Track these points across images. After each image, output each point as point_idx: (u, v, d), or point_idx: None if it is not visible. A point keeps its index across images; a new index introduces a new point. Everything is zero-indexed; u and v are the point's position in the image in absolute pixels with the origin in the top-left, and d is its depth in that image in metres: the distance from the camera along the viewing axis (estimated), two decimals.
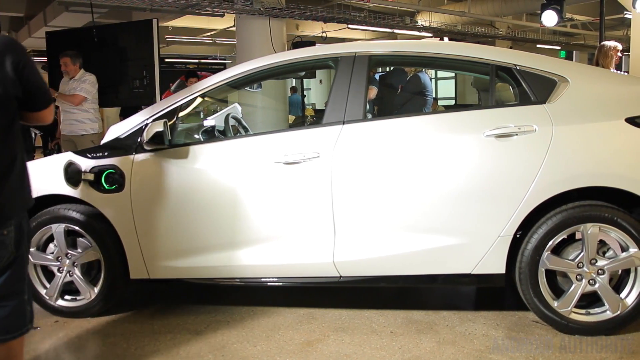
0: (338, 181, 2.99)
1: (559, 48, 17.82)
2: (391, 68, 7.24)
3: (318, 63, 3.67)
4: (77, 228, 3.26)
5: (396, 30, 13.74)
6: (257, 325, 3.23)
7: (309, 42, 10.41)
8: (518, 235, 2.94)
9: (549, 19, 8.79)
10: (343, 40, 14.20)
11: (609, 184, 2.83)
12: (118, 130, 3.33)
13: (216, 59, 19.64)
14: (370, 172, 2.99)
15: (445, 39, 12.25)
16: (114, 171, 3.19)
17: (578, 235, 2.91)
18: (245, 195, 3.10)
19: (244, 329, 3.17)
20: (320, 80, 21.09)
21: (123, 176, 3.18)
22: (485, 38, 14.23)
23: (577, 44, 17.64)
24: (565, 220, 2.85)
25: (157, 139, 3.06)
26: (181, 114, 3.33)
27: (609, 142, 2.88)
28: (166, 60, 17.26)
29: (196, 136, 3.65)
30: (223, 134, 3.98)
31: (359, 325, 3.17)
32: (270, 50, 8.38)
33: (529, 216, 2.89)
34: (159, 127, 3.05)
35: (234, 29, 9.65)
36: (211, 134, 3.87)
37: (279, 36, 8.99)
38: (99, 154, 3.26)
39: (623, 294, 2.88)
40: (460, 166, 2.92)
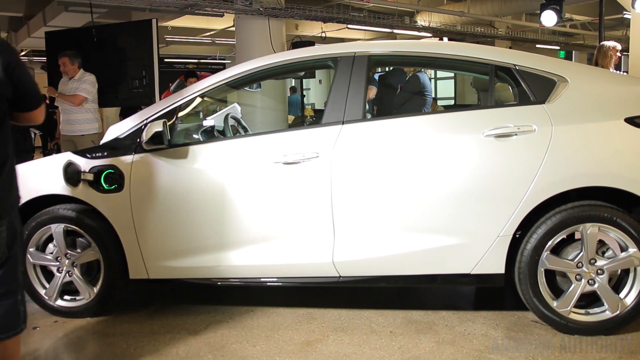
0: (337, 181, 2.99)
1: (558, 48, 17.84)
2: (390, 68, 7.25)
3: (317, 63, 3.67)
4: (77, 228, 3.26)
5: (395, 30, 13.75)
6: (257, 325, 3.23)
7: (309, 42, 10.41)
8: (517, 235, 2.94)
9: (548, 19, 8.80)
10: (342, 40, 14.20)
11: (608, 184, 2.83)
12: (117, 130, 3.33)
13: (215, 59, 19.64)
14: (369, 172, 2.99)
15: (445, 39, 12.24)
16: (113, 171, 3.19)
17: (577, 235, 2.91)
18: (245, 195, 3.10)
19: (244, 329, 3.17)
20: (320, 80, 21.09)
21: (122, 176, 3.18)
22: (484, 38, 14.24)
23: (577, 44, 17.66)
24: (564, 220, 2.85)
25: (157, 139, 3.06)
26: (180, 114, 3.33)
27: (608, 142, 2.88)
28: (165, 60, 17.26)
29: (195, 136, 3.65)
30: (222, 134, 3.98)
31: (359, 325, 3.17)
32: (269, 50, 8.39)
33: (529, 216, 2.89)
34: (158, 127, 3.05)
35: (234, 29, 9.66)
36: (210, 134, 3.87)
37: (279, 36, 8.99)
38: (98, 154, 3.27)
39: (622, 294, 2.89)
40: (459, 166, 2.92)
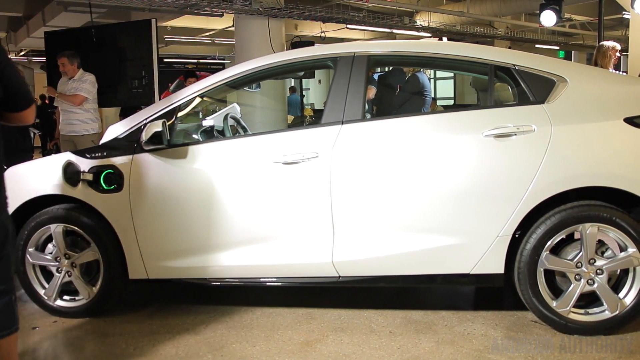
0: (337, 181, 2.99)
1: (557, 48, 17.85)
2: (390, 68, 7.24)
3: (317, 63, 3.67)
4: (76, 228, 3.26)
5: (395, 30, 13.76)
6: (256, 325, 3.23)
7: (308, 42, 10.41)
8: (517, 235, 2.94)
9: (548, 19, 8.81)
10: (342, 40, 14.21)
11: (607, 183, 2.83)
12: (117, 130, 3.33)
13: (215, 59, 19.64)
14: (369, 172, 2.99)
15: (444, 39, 12.25)
16: (113, 171, 3.19)
17: (577, 235, 2.91)
18: (245, 195, 3.10)
19: (243, 329, 3.17)
20: (319, 80, 21.08)
21: (122, 176, 3.18)
22: (484, 38, 14.25)
23: (576, 44, 17.67)
24: (564, 220, 2.85)
25: (156, 139, 3.06)
26: (180, 114, 3.33)
27: (608, 142, 2.88)
28: (165, 60, 17.25)
29: (195, 136, 3.65)
30: (222, 134, 3.98)
31: (358, 325, 3.17)
32: (269, 50, 8.39)
33: (528, 216, 2.89)
34: (158, 127, 3.05)
35: (233, 29, 9.66)
36: (210, 134, 3.86)
37: (278, 36, 8.99)
38: (97, 154, 3.26)
39: (622, 294, 2.89)
40: (459, 166, 2.92)
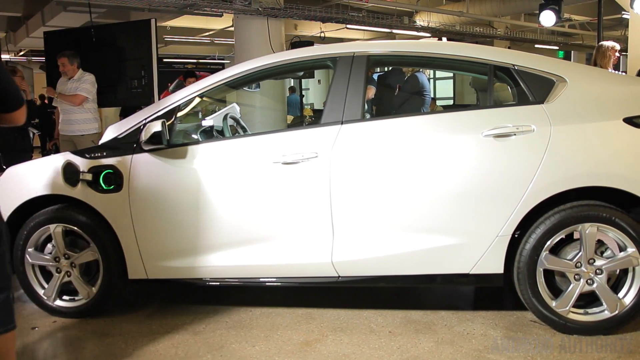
0: (336, 181, 2.99)
1: (557, 48, 17.85)
2: (389, 68, 7.25)
3: (316, 63, 3.66)
4: (75, 228, 3.26)
5: (394, 31, 13.77)
6: (256, 325, 3.23)
7: (308, 42, 10.41)
8: (516, 235, 2.95)
9: (547, 19, 8.81)
10: (341, 40, 14.21)
11: (607, 183, 2.83)
12: (116, 130, 3.33)
13: (214, 59, 19.64)
14: (368, 172, 2.99)
15: (444, 39, 12.25)
16: (112, 171, 3.19)
17: (576, 235, 2.91)
18: (244, 195, 3.10)
19: (243, 329, 3.17)
20: (319, 80, 21.08)
21: (121, 176, 3.18)
22: (483, 38, 14.25)
23: (575, 44, 17.68)
24: (563, 220, 2.85)
25: (155, 139, 3.06)
26: (179, 114, 3.33)
27: (607, 142, 2.88)
28: (164, 60, 17.26)
29: (194, 136, 3.64)
30: (221, 134, 3.98)
31: (358, 325, 3.17)
32: (268, 50, 8.38)
33: (527, 216, 2.89)
34: (157, 127, 3.04)
35: (232, 29, 9.66)
36: (209, 134, 3.86)
37: (278, 36, 8.99)
38: (97, 154, 3.26)
39: (621, 294, 2.89)
40: (458, 166, 2.92)
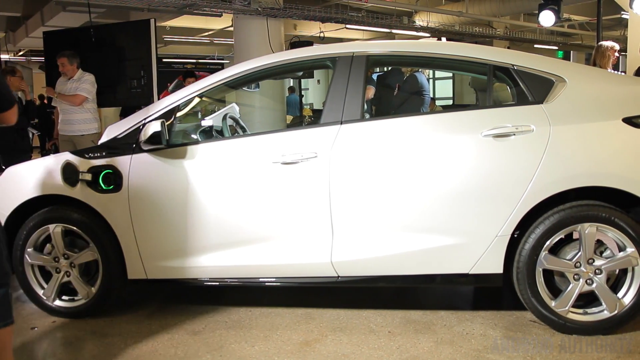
0: (336, 181, 2.99)
1: (556, 48, 17.86)
2: (389, 68, 7.24)
3: (316, 63, 3.66)
4: (75, 228, 3.26)
5: (394, 31, 13.77)
6: (255, 325, 3.23)
7: (307, 42, 10.41)
8: (516, 235, 2.95)
9: (547, 19, 8.82)
10: (341, 40, 14.21)
11: (606, 183, 2.84)
12: (116, 130, 3.32)
13: (214, 59, 19.64)
14: (368, 172, 2.99)
15: (443, 39, 12.25)
16: (112, 171, 3.19)
17: (575, 235, 2.91)
18: (243, 195, 3.10)
19: (242, 329, 3.17)
20: (318, 80, 21.09)
21: (120, 176, 3.18)
22: (482, 38, 14.25)
23: (575, 44, 17.69)
24: (562, 220, 2.86)
25: (155, 139, 3.06)
26: (179, 114, 3.32)
27: (607, 142, 2.88)
28: (164, 60, 17.26)
29: (194, 136, 3.64)
30: (221, 134, 3.97)
31: (357, 325, 3.17)
32: (268, 50, 8.38)
33: (527, 216, 2.89)
34: (157, 127, 3.04)
35: (232, 29, 9.65)
36: (209, 134, 3.86)
37: (277, 36, 8.98)
38: (96, 154, 3.26)
39: (620, 294, 2.89)
40: (458, 166, 2.92)
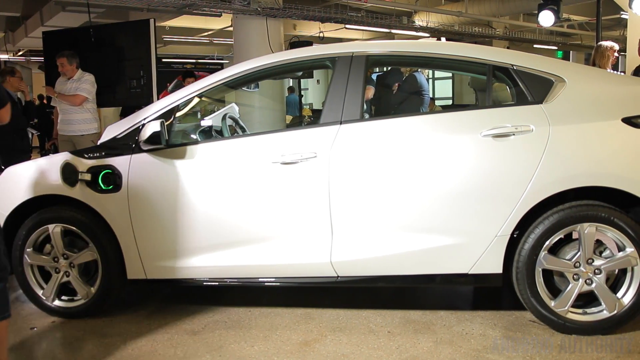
0: (335, 181, 2.99)
1: (555, 48, 17.87)
2: (388, 68, 7.25)
3: (315, 63, 3.66)
4: (74, 228, 3.26)
5: (393, 31, 13.76)
6: (255, 325, 3.23)
7: (307, 42, 10.40)
8: (515, 235, 2.95)
9: (546, 19, 8.82)
10: (340, 40, 14.21)
11: (605, 183, 2.84)
12: (115, 130, 3.32)
13: (213, 59, 19.63)
14: (367, 172, 2.99)
15: (443, 39, 12.25)
16: (111, 171, 3.19)
17: (575, 235, 2.92)
18: (243, 195, 3.10)
19: (242, 329, 3.17)
20: (318, 80, 21.08)
21: (120, 176, 3.18)
22: (482, 38, 14.26)
23: (574, 44, 17.69)
24: (562, 220, 2.86)
25: (154, 139, 3.06)
26: (178, 114, 3.32)
27: (606, 142, 2.88)
28: (163, 60, 17.25)
29: (193, 136, 3.64)
30: (220, 134, 3.98)
31: (357, 325, 3.17)
32: (267, 50, 8.38)
33: (526, 216, 2.89)
34: (156, 127, 3.04)
35: (232, 29, 9.65)
36: (208, 134, 3.86)
37: (277, 36, 8.98)
38: (96, 154, 3.26)
39: (620, 294, 2.89)
40: (457, 166, 2.92)
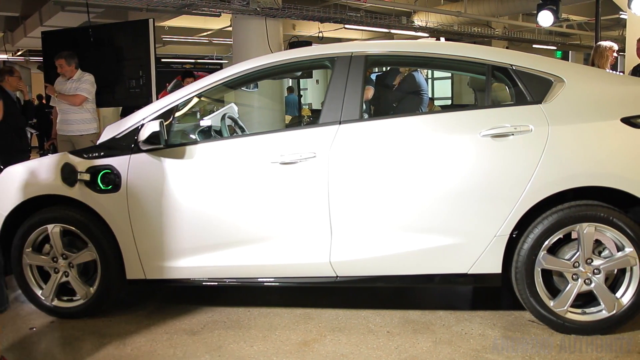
0: (334, 181, 2.99)
1: (555, 48, 17.88)
2: (387, 68, 7.25)
3: (315, 63, 3.66)
4: (73, 228, 3.25)
5: (393, 31, 13.77)
6: (254, 325, 3.23)
7: (306, 42, 10.40)
8: (514, 235, 2.95)
9: (545, 19, 8.82)
10: (339, 40, 14.20)
11: (604, 183, 2.84)
12: (114, 130, 3.32)
13: (213, 59, 19.61)
14: (366, 172, 2.99)
15: (442, 39, 12.26)
16: (110, 171, 3.19)
17: (574, 235, 2.92)
18: (242, 195, 3.10)
19: (241, 329, 3.17)
20: (317, 80, 21.08)
21: (119, 176, 3.18)
22: (481, 38, 14.26)
23: (573, 44, 17.71)
24: (561, 220, 2.86)
25: (153, 139, 3.06)
26: (177, 114, 3.33)
27: (605, 142, 2.88)
28: (162, 60, 17.22)
29: (192, 136, 3.64)
30: (219, 134, 3.97)
31: (356, 325, 3.18)
32: (266, 50, 8.38)
33: (525, 216, 2.90)
34: (155, 127, 3.04)
35: (231, 29, 9.65)
36: (207, 134, 3.86)
37: (276, 36, 8.98)
38: (95, 154, 3.26)
39: (619, 294, 2.90)
40: (456, 166, 2.93)
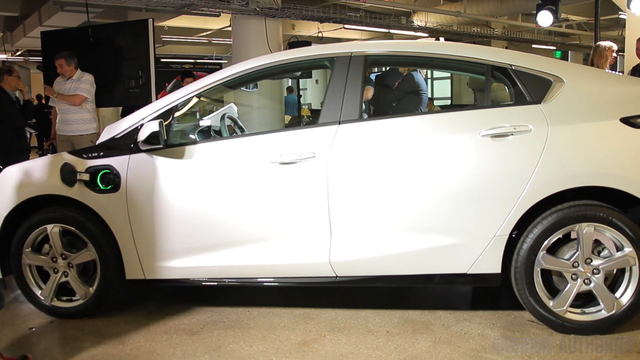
0: (334, 181, 2.99)
1: (554, 48, 17.89)
2: (387, 68, 7.25)
3: (314, 63, 3.66)
4: (73, 228, 3.25)
5: (392, 31, 13.77)
6: (254, 325, 3.23)
7: (305, 42, 10.41)
8: (514, 235, 2.95)
9: (544, 19, 8.83)
10: (339, 40, 14.21)
11: (604, 183, 2.84)
12: (114, 130, 3.32)
13: (212, 59, 19.61)
14: (366, 172, 3.00)
15: (441, 39, 12.26)
16: (110, 171, 3.19)
17: (573, 235, 2.92)
18: (242, 195, 3.10)
19: (240, 329, 3.17)
20: (317, 80, 21.08)
21: (118, 176, 3.18)
22: (481, 38, 14.27)
23: (573, 44, 17.72)
24: (560, 220, 2.86)
25: (153, 139, 3.06)
26: (177, 114, 3.32)
27: (604, 142, 2.88)
28: (162, 60, 17.19)
29: (192, 136, 3.64)
30: (219, 134, 3.98)
31: (355, 325, 3.18)
32: (266, 50, 8.38)
33: (525, 216, 2.90)
34: (155, 127, 3.04)
35: (230, 29, 9.65)
36: (207, 134, 3.86)
37: (275, 36, 8.98)
38: (94, 154, 3.26)
39: (618, 293, 2.90)
40: (456, 166, 2.93)
